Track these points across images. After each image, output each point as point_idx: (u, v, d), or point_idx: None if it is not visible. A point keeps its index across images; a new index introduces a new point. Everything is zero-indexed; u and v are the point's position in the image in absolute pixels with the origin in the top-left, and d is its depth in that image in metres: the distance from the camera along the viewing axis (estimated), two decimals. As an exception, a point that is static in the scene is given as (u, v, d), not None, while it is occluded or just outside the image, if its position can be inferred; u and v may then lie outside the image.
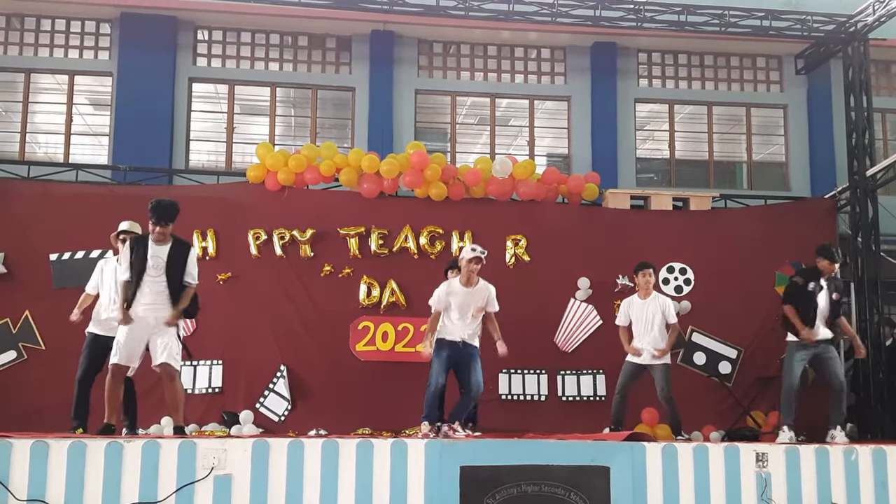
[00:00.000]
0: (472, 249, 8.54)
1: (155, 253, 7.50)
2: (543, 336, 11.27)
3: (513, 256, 11.52)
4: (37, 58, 14.12)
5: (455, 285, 8.56)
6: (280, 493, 6.07)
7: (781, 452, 6.86)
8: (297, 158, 11.32)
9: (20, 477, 5.76)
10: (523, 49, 15.03)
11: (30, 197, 11.12)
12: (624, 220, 11.89)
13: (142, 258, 7.46)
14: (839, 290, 9.17)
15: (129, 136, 13.48)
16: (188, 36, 14.26)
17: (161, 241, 7.53)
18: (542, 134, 15.18)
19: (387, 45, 14.39)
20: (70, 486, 5.79)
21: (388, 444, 6.35)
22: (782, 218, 12.14)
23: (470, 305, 8.48)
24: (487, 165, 11.67)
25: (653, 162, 15.40)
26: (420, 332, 10.06)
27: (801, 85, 15.03)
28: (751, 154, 15.21)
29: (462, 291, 8.50)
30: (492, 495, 6.29)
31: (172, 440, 6.19)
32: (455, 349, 8.43)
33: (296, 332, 11.10)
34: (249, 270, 11.14)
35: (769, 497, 6.70)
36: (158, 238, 7.51)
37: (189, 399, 10.61)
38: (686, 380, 11.27)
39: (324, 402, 10.81)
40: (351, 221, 11.33)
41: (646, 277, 9.68)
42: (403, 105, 14.40)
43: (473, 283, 8.54)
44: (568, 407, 11.14)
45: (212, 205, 11.28)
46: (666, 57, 15.19)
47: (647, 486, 6.54)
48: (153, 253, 7.49)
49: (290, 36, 14.59)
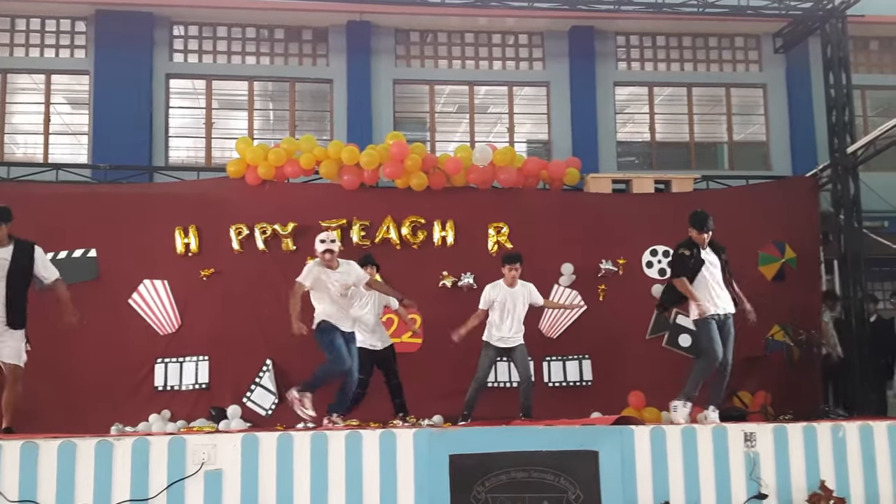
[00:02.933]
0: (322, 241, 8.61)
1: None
2: (528, 323, 11.15)
3: (495, 244, 11.51)
4: (13, 58, 14.02)
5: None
6: (271, 486, 6.07)
7: (769, 432, 6.91)
8: (277, 152, 11.28)
9: (10, 478, 5.75)
10: (500, 35, 15.02)
11: (10, 198, 10.85)
12: (606, 205, 11.90)
13: None
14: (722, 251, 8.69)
15: (108, 134, 13.42)
16: (164, 32, 14.19)
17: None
18: (522, 120, 15.19)
19: (363, 36, 14.36)
20: (61, 486, 5.78)
21: (377, 434, 6.36)
22: (764, 197, 12.18)
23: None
24: (467, 154, 11.66)
25: (633, 145, 15.44)
26: (403, 322, 10.12)
27: (780, 64, 15.08)
28: (731, 134, 15.27)
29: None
30: (481, 482, 6.31)
31: (162, 437, 6.19)
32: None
33: (280, 326, 11.01)
34: (232, 266, 11.11)
35: (758, 476, 6.74)
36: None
37: (177, 395, 10.67)
38: (671, 362, 11.30)
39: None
40: (332, 214, 11.30)
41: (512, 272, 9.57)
42: (382, 95, 14.38)
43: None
44: (555, 393, 11.16)
45: (193, 201, 11.23)
46: (644, 39, 15.22)
47: (636, 469, 6.57)
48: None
49: (267, 29, 14.54)
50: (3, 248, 7.59)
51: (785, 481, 6.80)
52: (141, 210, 11.08)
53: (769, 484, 6.74)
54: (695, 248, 8.49)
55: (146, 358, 10.74)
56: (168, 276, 10.98)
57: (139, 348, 10.76)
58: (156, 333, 10.86)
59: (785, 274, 11.78)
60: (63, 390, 9.97)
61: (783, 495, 6.76)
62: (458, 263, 11.31)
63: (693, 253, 8.47)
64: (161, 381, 10.78)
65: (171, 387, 10.69)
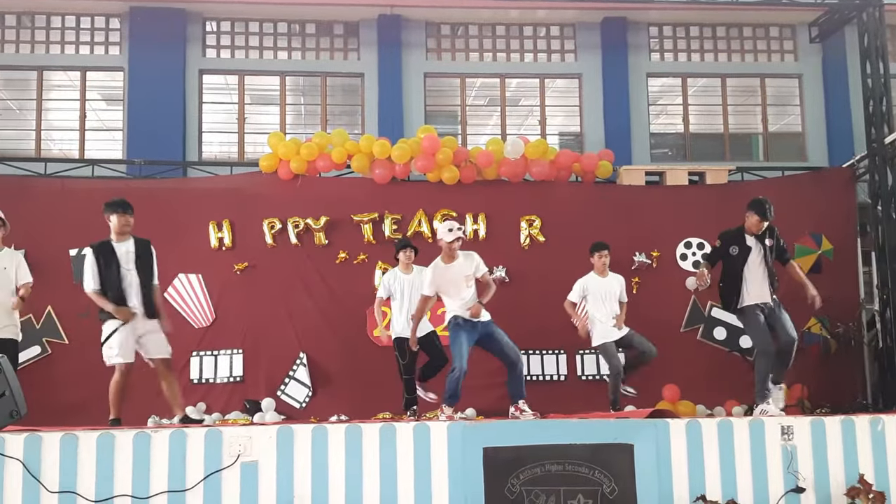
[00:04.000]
0: (450, 230, 8.23)
1: None
2: (561, 316, 11.17)
3: (528, 237, 11.49)
4: (48, 55, 14.17)
5: (441, 265, 8.31)
6: (306, 477, 6.10)
7: (807, 425, 6.82)
8: (309, 146, 11.32)
9: (51, 469, 5.83)
10: (532, 27, 14.94)
11: (48, 194, 11.19)
12: (639, 197, 11.83)
13: None
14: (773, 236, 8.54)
15: (143, 130, 13.52)
16: (197, 28, 14.27)
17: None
18: (554, 113, 15.11)
19: (394, 30, 14.35)
20: (100, 477, 5.84)
21: (411, 427, 6.36)
22: (800, 189, 12.05)
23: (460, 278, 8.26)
24: (499, 147, 11.63)
25: (667, 137, 15.31)
26: (437, 314, 10.09)
27: (816, 53, 14.88)
28: (766, 125, 15.10)
29: (449, 268, 8.26)
30: (516, 475, 6.30)
31: (199, 429, 6.23)
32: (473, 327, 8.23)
33: (313, 320, 11.15)
34: (265, 260, 11.19)
35: (795, 470, 6.67)
36: None
37: (212, 388, 10.78)
38: (707, 355, 11.25)
39: (344, 388, 10.87)
40: (364, 208, 11.34)
41: (602, 259, 9.54)
42: (413, 89, 14.37)
43: (455, 258, 8.28)
44: (588, 386, 11.13)
45: (226, 196, 11.33)
46: (678, 30, 15.07)
47: (671, 463, 6.52)
48: None
49: (298, 24, 14.58)
50: (126, 241, 7.86)
51: (823, 475, 6.72)
52: (175, 205, 11.18)
53: (807, 477, 6.65)
54: (738, 240, 8.38)
55: (181, 351, 10.79)
56: (202, 270, 11.08)
57: (174, 342, 10.64)
58: (191, 327, 10.96)
59: (822, 266, 11.66)
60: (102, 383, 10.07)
61: (821, 489, 6.68)
62: (490, 257, 11.21)
63: (725, 246, 8.41)
64: (196, 373, 10.89)
65: (206, 380, 10.80)
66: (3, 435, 5.87)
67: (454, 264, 8.24)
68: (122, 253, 7.83)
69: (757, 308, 8.30)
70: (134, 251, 7.87)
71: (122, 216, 7.87)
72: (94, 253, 7.83)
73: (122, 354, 7.75)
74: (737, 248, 8.37)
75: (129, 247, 7.88)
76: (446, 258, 8.26)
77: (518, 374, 8.30)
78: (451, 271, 8.23)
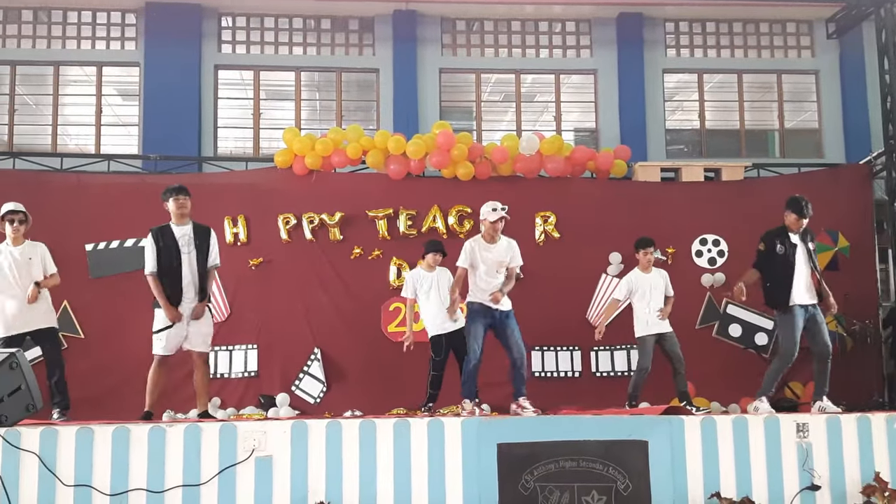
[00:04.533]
0: (493, 210, 8.28)
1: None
2: (576, 312, 11.22)
3: (542, 233, 11.47)
4: (65, 50, 14.26)
5: (482, 242, 8.36)
6: (320, 472, 6.11)
7: (822, 422, 6.79)
8: (324, 142, 11.33)
9: (66, 463, 5.85)
10: (547, 23, 14.92)
11: (64, 188, 11.22)
12: (654, 193, 11.78)
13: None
14: (813, 240, 8.59)
15: (158, 125, 13.60)
16: (212, 23, 14.32)
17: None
18: (569, 108, 15.09)
19: (409, 25, 14.36)
20: (115, 471, 5.87)
21: (425, 423, 6.37)
22: (817, 186, 11.94)
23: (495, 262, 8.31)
24: (514, 143, 11.61)
25: (683, 133, 15.27)
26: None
27: (833, 49, 14.81)
28: (783, 121, 15.03)
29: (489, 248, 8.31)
30: (530, 471, 6.29)
31: (213, 424, 6.26)
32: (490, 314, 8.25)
33: (328, 315, 11.16)
34: (280, 255, 11.19)
35: (811, 467, 6.64)
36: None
37: (227, 383, 10.80)
38: (722, 352, 11.19)
39: (358, 384, 10.87)
40: (379, 203, 11.33)
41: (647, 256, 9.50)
42: (428, 85, 14.38)
43: (497, 241, 8.35)
44: (602, 383, 11.10)
45: (241, 191, 11.34)
46: (693, 26, 15.03)
47: (686, 460, 6.50)
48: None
49: (314, 19, 14.61)
50: (185, 225, 8.06)
51: (838, 472, 6.69)
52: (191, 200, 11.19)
53: (822, 475, 6.62)
54: (782, 238, 8.34)
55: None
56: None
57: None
58: (206, 322, 10.98)
59: (838, 263, 11.59)
60: (117, 377, 10.13)
61: (836, 487, 6.65)
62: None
63: (770, 245, 8.37)
64: (211, 369, 10.90)
65: (220, 375, 10.81)
66: (20, 429, 5.90)
67: (495, 246, 8.31)
68: (180, 236, 8.02)
69: (802, 309, 8.24)
70: (192, 235, 8.06)
71: (176, 200, 8.08)
72: (153, 235, 8.04)
73: (167, 348, 7.98)
74: (783, 247, 8.34)
75: (187, 231, 8.06)
76: (487, 237, 8.32)
77: (520, 371, 8.31)
78: (490, 252, 8.28)
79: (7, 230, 8.12)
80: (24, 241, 8.18)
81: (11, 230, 8.09)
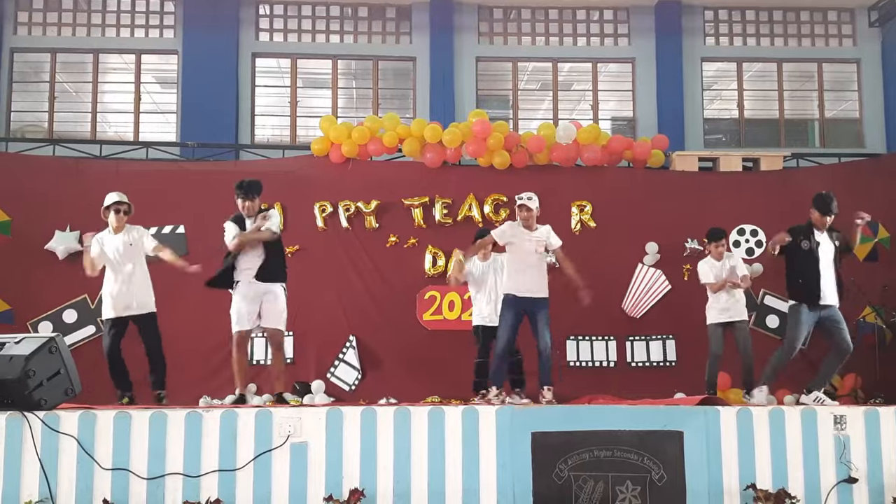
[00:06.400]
0: (518, 198, 8.58)
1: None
2: (611, 302, 11.16)
3: (578, 223, 11.43)
4: (104, 38, 14.38)
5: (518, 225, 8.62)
6: (355, 459, 6.14)
7: (860, 415, 6.70)
8: (361, 130, 11.35)
9: (104, 447, 5.92)
10: (585, 11, 14.81)
11: (103, 175, 11.33)
12: (692, 183, 11.69)
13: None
14: (839, 239, 8.53)
15: (196, 112, 13.68)
16: (250, 11, 14.38)
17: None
18: (606, 97, 14.98)
19: (446, 13, 14.32)
20: (152, 455, 5.93)
21: (460, 411, 6.37)
22: (857, 176, 11.79)
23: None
24: (551, 132, 11.56)
25: (721, 122, 15.10)
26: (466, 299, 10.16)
27: (875, 38, 14.56)
28: (823, 111, 14.82)
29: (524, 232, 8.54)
30: (564, 460, 6.27)
31: (249, 409, 6.31)
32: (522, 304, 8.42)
33: (363, 303, 11.20)
34: (316, 243, 11.25)
35: (848, 460, 6.56)
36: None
37: (262, 370, 10.86)
38: (759, 343, 11.06)
39: (393, 372, 10.91)
40: (415, 192, 11.35)
41: (719, 249, 9.53)
42: (464, 73, 14.34)
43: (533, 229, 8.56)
44: (637, 373, 11.06)
45: (278, 179, 11.36)
46: (733, 14, 14.85)
47: (721, 451, 6.45)
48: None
49: (351, 7, 14.61)
50: (253, 218, 8.47)
51: (876, 465, 6.60)
52: (227, 187, 11.12)
53: (860, 468, 6.54)
54: (808, 234, 8.33)
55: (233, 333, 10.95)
56: (253, 252, 11.16)
57: (226, 324, 10.97)
58: (242, 309, 11.05)
59: (878, 254, 11.45)
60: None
61: (874, 479, 6.57)
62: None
63: (799, 241, 8.32)
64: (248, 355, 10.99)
65: (256, 361, 10.88)
66: (59, 412, 5.98)
67: (531, 233, 8.51)
68: (249, 225, 8.46)
69: (821, 309, 8.26)
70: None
71: (242, 200, 8.49)
72: (232, 220, 8.51)
73: (239, 322, 8.36)
74: (808, 243, 8.32)
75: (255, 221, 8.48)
76: (524, 223, 8.54)
77: (545, 362, 8.44)
78: (525, 235, 8.49)
79: (111, 219, 8.50)
80: (125, 227, 8.54)
81: (116, 219, 8.48)
